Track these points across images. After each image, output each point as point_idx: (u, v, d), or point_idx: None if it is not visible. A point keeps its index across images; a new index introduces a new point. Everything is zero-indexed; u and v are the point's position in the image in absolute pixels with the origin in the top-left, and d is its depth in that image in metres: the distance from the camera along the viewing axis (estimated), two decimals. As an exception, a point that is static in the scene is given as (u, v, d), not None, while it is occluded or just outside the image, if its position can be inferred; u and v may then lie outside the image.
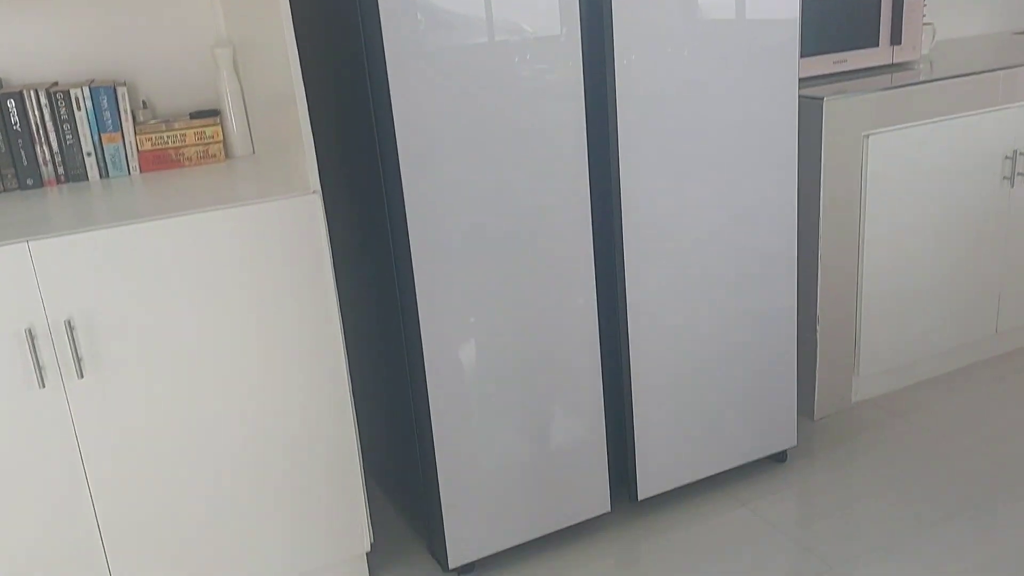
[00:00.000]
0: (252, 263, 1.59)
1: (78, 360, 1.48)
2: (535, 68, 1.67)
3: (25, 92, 1.75)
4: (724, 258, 1.96)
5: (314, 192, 1.63)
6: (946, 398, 2.48)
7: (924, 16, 2.53)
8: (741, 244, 1.97)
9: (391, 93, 1.56)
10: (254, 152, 2.01)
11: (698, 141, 1.86)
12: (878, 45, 2.48)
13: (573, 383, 1.86)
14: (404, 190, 1.62)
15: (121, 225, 1.48)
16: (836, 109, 2.20)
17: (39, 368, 1.46)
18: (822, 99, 2.19)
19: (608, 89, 1.76)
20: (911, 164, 2.35)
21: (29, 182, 1.80)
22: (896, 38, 2.49)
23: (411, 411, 1.81)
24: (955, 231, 2.47)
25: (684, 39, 1.79)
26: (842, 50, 2.43)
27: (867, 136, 2.27)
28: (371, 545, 1.84)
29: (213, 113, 1.95)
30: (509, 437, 1.82)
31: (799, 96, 2.12)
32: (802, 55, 2.33)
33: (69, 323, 1.47)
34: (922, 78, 2.33)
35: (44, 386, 1.48)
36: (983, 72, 2.38)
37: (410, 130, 1.59)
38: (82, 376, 1.49)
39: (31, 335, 1.45)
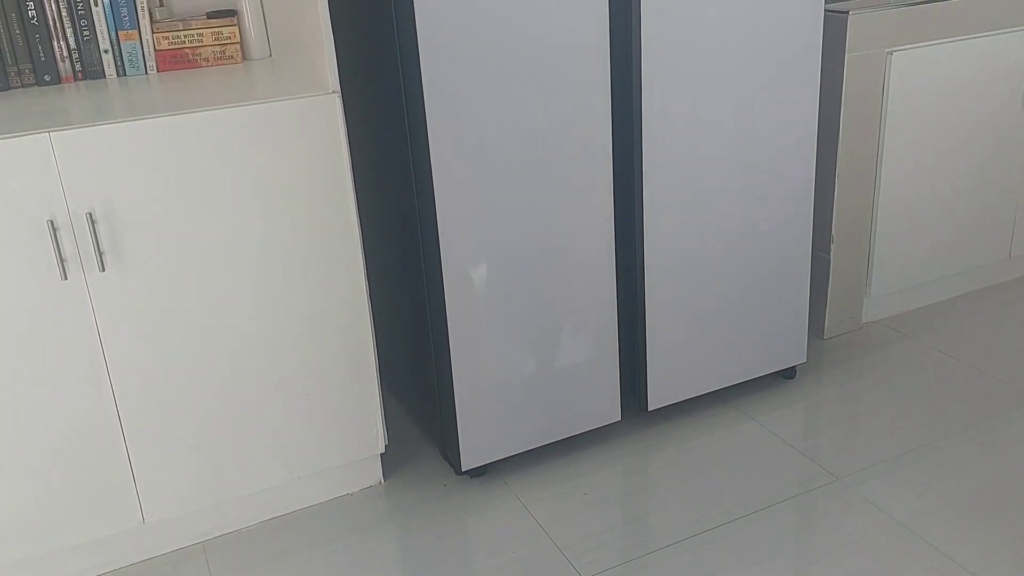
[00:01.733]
0: (271, 161, 1.59)
1: (99, 253, 1.50)
2: None
3: (41, -15, 1.73)
4: (742, 174, 1.95)
5: (333, 92, 1.62)
6: (956, 320, 2.50)
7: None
8: (760, 160, 1.96)
9: (415, 2, 1.54)
10: (271, 55, 1.99)
11: (721, 56, 1.84)
12: (906, -39, 2.42)
13: (587, 294, 1.88)
14: (425, 98, 1.60)
15: (142, 119, 1.48)
16: (860, 24, 2.17)
17: (61, 260, 1.48)
18: (847, 14, 2.15)
19: (632, 2, 1.73)
20: (933, 83, 2.32)
21: (47, 78, 1.78)
22: (925, -46, 2.43)
23: (427, 317, 1.83)
24: (973, 152, 2.45)
25: (710, -57, 1.75)
26: (869, -35, 2.37)
27: (890, 53, 2.23)
28: (385, 447, 1.88)
29: (230, 13, 1.93)
30: (523, 345, 1.85)
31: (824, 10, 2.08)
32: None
33: (90, 215, 1.48)
34: (949, -5, 2.28)
35: (67, 278, 1.49)
36: (1012, -10, 2.33)
37: (432, 39, 1.57)
38: (103, 269, 1.51)
39: (53, 227, 1.46)
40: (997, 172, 2.50)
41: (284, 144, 1.60)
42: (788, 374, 2.23)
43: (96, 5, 1.78)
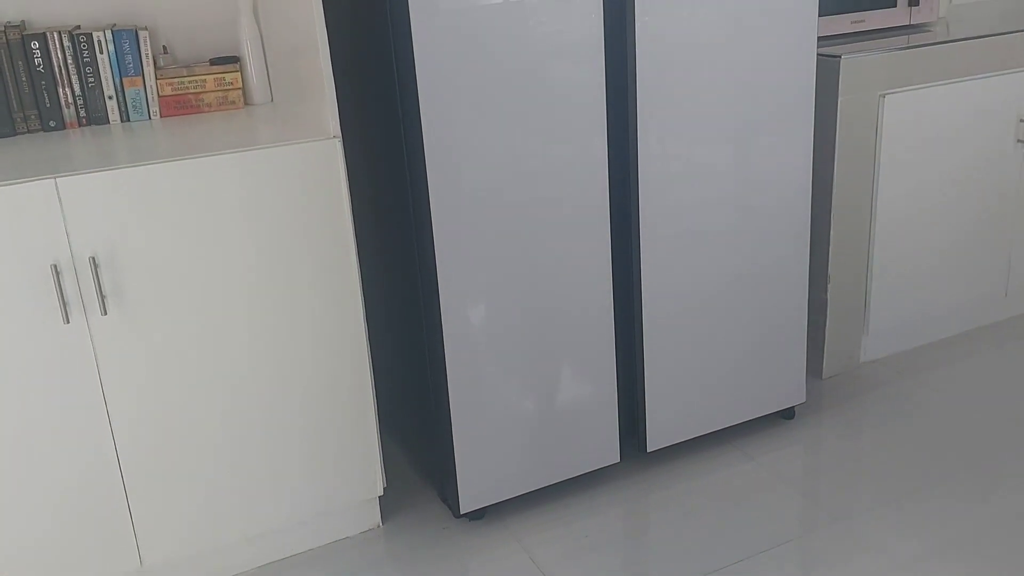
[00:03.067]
0: (273, 205, 1.61)
1: (102, 297, 1.51)
2: (556, 26, 1.67)
3: (48, 34, 1.76)
4: (739, 216, 1.97)
5: (334, 137, 1.65)
6: (954, 359, 2.50)
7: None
8: (756, 202, 1.98)
9: (415, 48, 1.57)
10: (273, 100, 2.02)
11: (716, 98, 1.87)
12: (895, 6, 2.47)
13: (586, 334, 1.88)
14: (424, 143, 1.63)
15: (146, 164, 1.50)
16: (853, 68, 2.20)
17: (64, 303, 1.49)
18: (839, 57, 2.19)
19: (628, 47, 1.76)
20: (926, 125, 2.35)
21: (51, 124, 1.81)
22: (914, 0, 2.48)
23: (426, 359, 1.84)
24: (967, 193, 2.48)
25: (705, 3, 1.79)
26: (860, 10, 2.42)
27: (883, 96, 2.27)
28: (384, 490, 1.87)
29: (233, 60, 1.96)
30: (522, 386, 1.85)
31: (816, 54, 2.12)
32: (820, 14, 2.32)
33: (93, 260, 1.49)
34: (939, 39, 2.32)
35: (68, 321, 1.50)
36: (999, 35, 2.37)
37: (432, 85, 1.60)
38: (105, 313, 1.52)
39: (56, 271, 1.47)
40: (991, 212, 2.53)
41: (285, 189, 1.62)
42: (787, 414, 2.24)
43: (101, 52, 1.81)
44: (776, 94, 1.94)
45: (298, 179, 1.62)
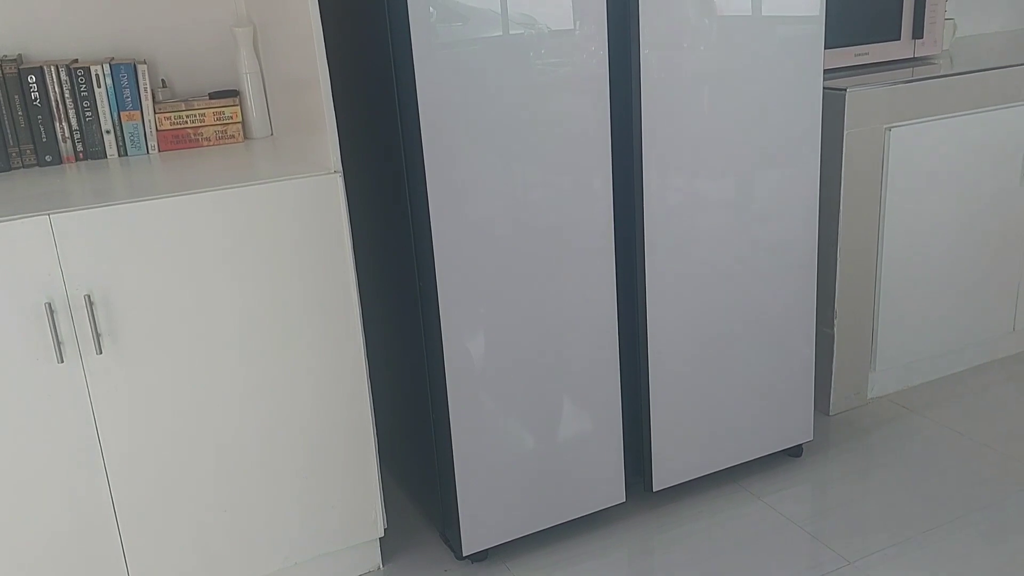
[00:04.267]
0: (272, 241, 1.58)
1: (97, 335, 1.47)
2: (560, 59, 1.65)
3: (46, 68, 1.74)
4: (745, 249, 1.94)
5: (335, 172, 1.62)
6: (962, 395, 2.47)
7: (945, 11, 2.52)
8: (762, 235, 1.95)
9: (417, 82, 1.55)
10: (272, 133, 2.00)
11: (721, 131, 1.85)
12: (899, 39, 2.46)
13: (590, 372, 1.85)
14: (427, 178, 1.60)
15: (142, 200, 1.47)
16: (858, 101, 2.19)
17: (58, 343, 1.45)
18: (845, 90, 2.18)
19: (632, 81, 1.74)
20: (931, 158, 2.33)
21: (48, 159, 1.78)
22: (918, 32, 2.47)
23: (428, 397, 1.80)
24: (974, 227, 2.45)
25: (709, 30, 1.77)
26: (864, 43, 2.41)
27: (888, 129, 2.25)
28: (384, 531, 1.82)
29: (232, 93, 1.94)
30: (525, 425, 1.81)
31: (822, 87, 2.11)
32: (825, 47, 2.31)
33: (88, 298, 1.46)
34: (943, 72, 2.31)
35: (63, 361, 1.47)
36: (1004, 68, 2.36)
37: (435, 118, 1.58)
38: (100, 352, 1.48)
39: (51, 309, 1.44)
40: (998, 246, 2.50)
41: (285, 224, 1.59)
42: (795, 452, 2.19)
43: (99, 86, 1.79)
44: (782, 127, 1.92)
45: (298, 214, 1.59)
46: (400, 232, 1.75)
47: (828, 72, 2.39)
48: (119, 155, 1.85)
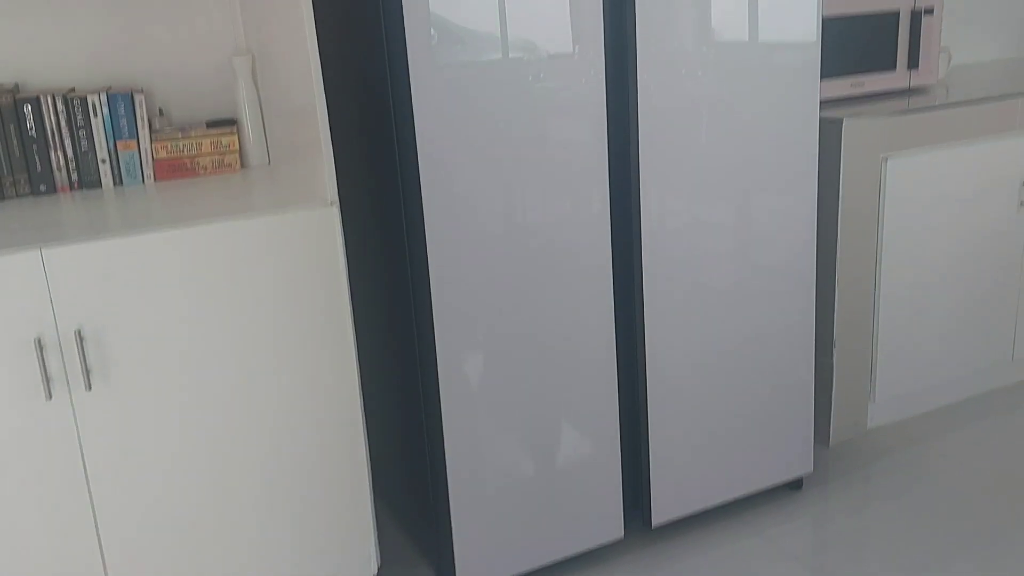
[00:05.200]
0: (266, 275, 1.56)
1: (86, 372, 1.45)
2: (557, 84, 1.65)
3: (42, 98, 1.73)
4: (742, 280, 1.93)
5: (332, 203, 1.61)
6: (963, 425, 2.45)
7: (940, 41, 2.52)
8: (760, 266, 1.94)
9: (414, 105, 1.54)
10: (269, 162, 1.99)
11: (718, 159, 1.84)
12: (895, 69, 2.47)
13: (588, 406, 1.83)
14: (423, 200, 1.59)
15: (135, 234, 1.45)
16: (855, 131, 2.19)
17: (46, 379, 1.43)
18: (841, 120, 2.18)
19: (630, 106, 1.74)
20: (928, 188, 2.33)
21: (42, 188, 1.77)
22: (913, 62, 2.48)
23: (423, 431, 1.78)
24: (972, 256, 2.45)
25: (706, 56, 1.77)
26: (860, 73, 2.42)
27: (885, 159, 2.25)
28: (378, 568, 1.79)
29: (230, 122, 1.93)
30: (522, 460, 1.79)
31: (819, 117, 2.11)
32: (820, 77, 2.32)
33: (79, 333, 1.43)
34: (939, 103, 2.31)
35: (51, 398, 1.44)
36: (1000, 99, 2.37)
37: (432, 140, 1.57)
38: (90, 388, 1.46)
39: (40, 345, 1.42)
40: (996, 275, 2.50)
41: (280, 257, 1.57)
42: (795, 485, 2.17)
43: (95, 115, 1.78)
44: (779, 156, 1.91)
45: (294, 247, 1.58)
46: (395, 255, 1.73)
47: (824, 102, 2.39)
48: (114, 184, 1.83)
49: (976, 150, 2.37)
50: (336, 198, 1.62)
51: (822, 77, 2.35)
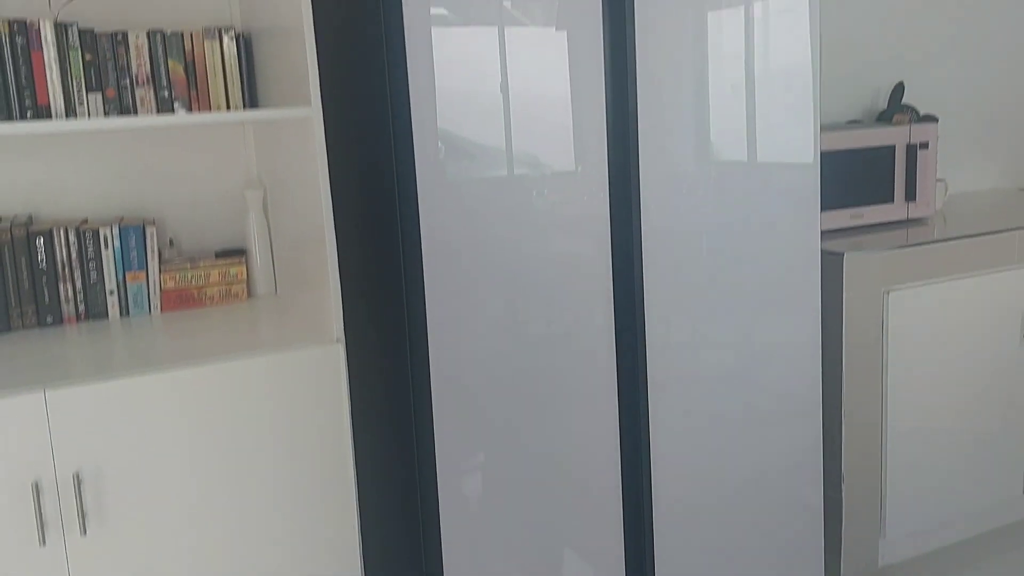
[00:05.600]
0: (268, 414, 1.55)
1: (82, 516, 1.42)
2: (562, 200, 1.68)
3: (55, 230, 1.76)
4: (748, 408, 1.92)
5: (337, 341, 1.61)
6: (975, 562, 2.38)
7: (936, 172, 2.58)
8: (765, 393, 1.93)
9: (420, 217, 1.55)
10: (277, 291, 2.00)
11: (720, 291, 1.86)
12: (893, 201, 2.52)
13: (592, 537, 1.78)
14: (427, 312, 1.58)
15: (139, 375, 1.45)
16: (856, 265, 2.21)
17: (41, 524, 1.40)
18: (842, 255, 2.20)
19: (633, 226, 1.76)
20: (931, 321, 2.34)
21: (49, 319, 1.77)
22: (911, 194, 2.53)
23: (422, 551, 1.73)
24: (978, 388, 2.43)
25: (708, 180, 1.80)
26: (858, 205, 2.46)
27: (887, 292, 2.26)
28: None
29: (239, 252, 1.95)
30: (525, 601, 1.73)
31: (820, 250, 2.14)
32: (821, 208, 2.36)
33: (77, 476, 1.41)
34: (938, 236, 2.35)
35: (44, 544, 1.41)
36: (999, 232, 2.40)
37: (437, 254, 1.58)
38: (84, 533, 1.43)
39: (37, 489, 1.39)
40: (1002, 408, 2.48)
41: (283, 395, 1.56)
42: (805, 627, 2.10)
43: (106, 248, 1.80)
44: (781, 288, 1.93)
45: (297, 386, 1.57)
46: (398, 368, 1.72)
47: (825, 233, 2.42)
48: (121, 315, 1.84)
49: (976, 283, 2.38)
50: (342, 335, 1.62)
51: (822, 209, 2.39)
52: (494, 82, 1.59)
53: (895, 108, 2.80)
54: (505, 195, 1.63)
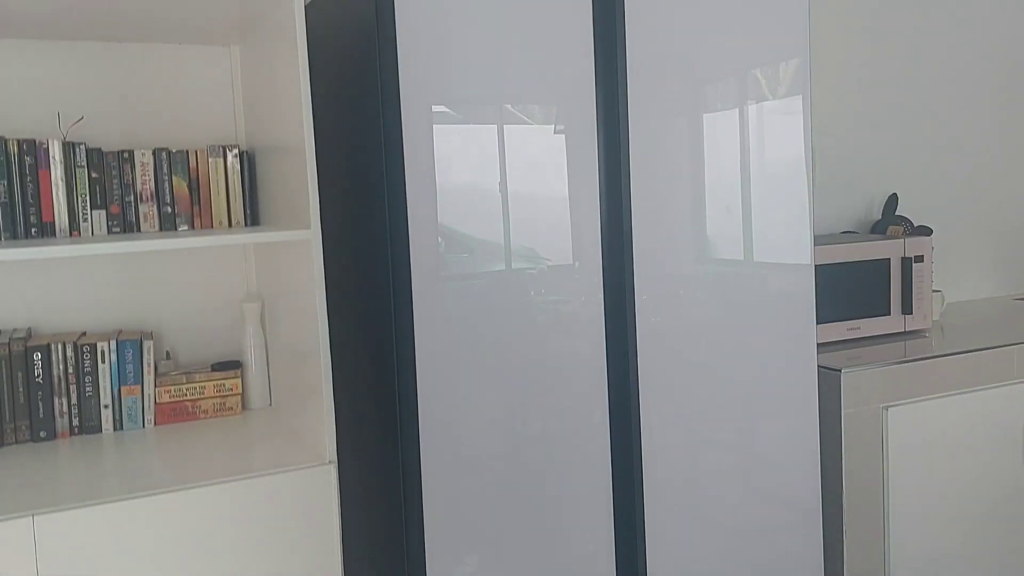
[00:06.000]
0: (258, 534, 1.53)
1: (64, 645, 1.39)
2: (557, 298, 1.68)
3: (53, 346, 1.77)
4: (747, 512, 1.88)
5: (330, 462, 1.60)
6: None
7: (932, 284, 2.60)
8: (763, 498, 1.90)
9: (415, 313, 1.56)
10: (271, 404, 2.00)
11: (718, 388, 1.85)
12: (890, 314, 2.53)
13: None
14: (419, 408, 1.58)
15: (128, 499, 1.44)
16: (854, 382, 2.21)
17: (21, 653, 1.37)
18: (840, 371, 2.20)
19: (628, 327, 1.76)
20: (932, 437, 2.32)
21: (42, 434, 1.77)
22: (907, 307, 2.54)
23: None
24: (979, 504, 2.40)
25: (702, 284, 1.82)
26: (855, 318, 2.47)
27: (886, 408, 2.25)
28: None
29: (235, 365, 1.96)
30: None
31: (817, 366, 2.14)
32: (817, 321, 2.37)
33: (60, 604, 1.39)
34: (936, 351, 2.35)
35: (23, 674, 1.37)
36: (996, 347, 2.40)
37: (431, 350, 1.58)
38: (65, 663, 1.39)
39: (18, 617, 1.37)
40: (1007, 525, 2.44)
41: (274, 519, 1.54)
42: None
43: (103, 362, 1.81)
44: (778, 403, 1.92)
45: (288, 509, 1.55)
46: (388, 467, 1.69)
47: (822, 346, 2.43)
48: (114, 429, 1.83)
49: (976, 399, 2.37)
50: (335, 456, 1.61)
51: (819, 322, 2.40)
52: (493, 180, 1.62)
53: (889, 219, 2.84)
54: (502, 291, 1.64)
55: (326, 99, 1.83)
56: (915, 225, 2.89)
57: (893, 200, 2.87)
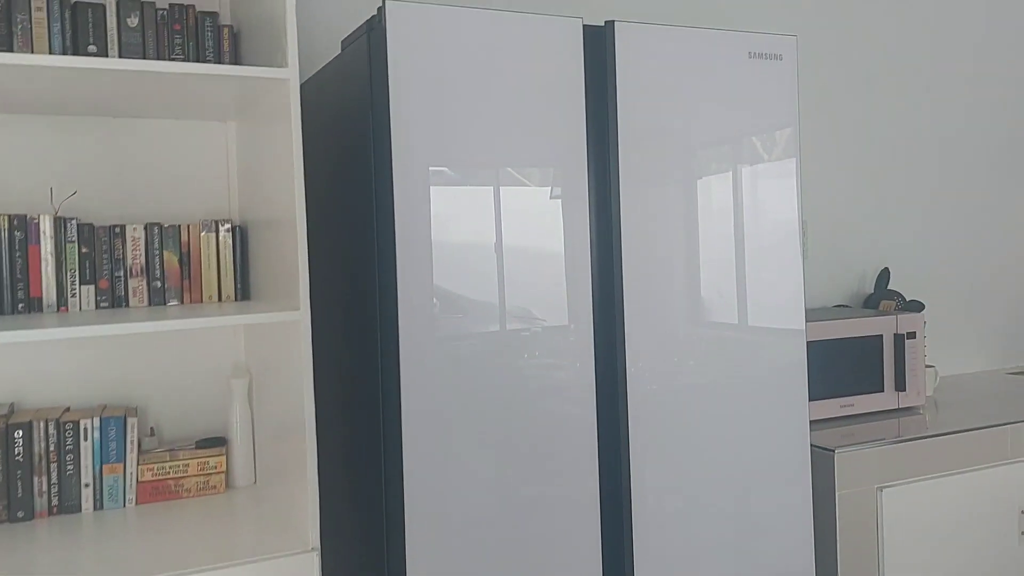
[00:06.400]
0: (238, 630, 1.49)
1: None
2: (549, 361, 1.66)
3: (34, 423, 1.74)
4: (739, 627, 1.84)
5: (312, 550, 1.56)
6: None
7: (925, 359, 2.59)
8: (756, 568, 1.86)
9: (401, 375, 1.53)
10: (255, 482, 1.96)
11: (710, 483, 1.82)
12: (883, 390, 2.51)
13: None
14: (404, 470, 1.53)
15: (105, 589, 1.40)
16: (848, 462, 2.18)
17: None
18: (833, 451, 2.18)
19: (619, 391, 1.74)
20: (927, 518, 2.28)
21: (20, 515, 1.73)
22: (900, 384, 2.53)
23: None
24: (978, 589, 2.36)
25: (694, 347, 1.80)
26: (847, 394, 2.46)
27: (880, 489, 2.22)
28: None
29: (220, 442, 1.93)
30: None
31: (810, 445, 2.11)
32: (809, 398, 2.36)
33: None
34: (930, 429, 2.33)
35: None
36: (991, 427, 2.39)
37: (418, 412, 1.54)
38: None
39: None
40: (1004, 609, 2.39)
41: (254, 609, 1.50)
42: None
43: (86, 440, 1.78)
44: (771, 477, 1.89)
45: (269, 598, 1.51)
46: (372, 536, 1.65)
47: (815, 423, 2.41)
48: (94, 509, 1.79)
49: (971, 478, 2.35)
50: (318, 543, 1.58)
51: (812, 398, 2.38)
52: (489, 240, 1.61)
53: (881, 294, 2.84)
54: (493, 351, 1.62)
55: (320, 173, 1.83)
56: (907, 299, 2.90)
57: (885, 275, 2.88)
